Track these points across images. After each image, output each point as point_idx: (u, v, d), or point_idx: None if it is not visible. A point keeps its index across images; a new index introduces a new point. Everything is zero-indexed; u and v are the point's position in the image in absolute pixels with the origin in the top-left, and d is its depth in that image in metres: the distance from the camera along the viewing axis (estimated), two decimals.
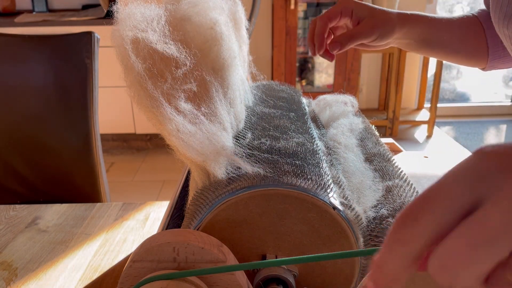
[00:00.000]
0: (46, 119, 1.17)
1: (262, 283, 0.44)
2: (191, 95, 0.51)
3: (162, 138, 0.50)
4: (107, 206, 0.81)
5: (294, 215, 0.45)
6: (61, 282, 0.61)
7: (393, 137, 2.96)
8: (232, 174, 0.48)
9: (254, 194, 0.45)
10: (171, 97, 0.48)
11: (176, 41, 0.51)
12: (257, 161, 0.49)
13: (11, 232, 0.73)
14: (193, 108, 0.49)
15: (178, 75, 0.49)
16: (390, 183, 0.55)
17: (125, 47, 0.48)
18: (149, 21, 0.51)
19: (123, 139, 2.94)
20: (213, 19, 0.55)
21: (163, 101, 0.47)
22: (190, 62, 0.51)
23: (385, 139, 0.87)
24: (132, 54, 0.48)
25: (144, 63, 0.48)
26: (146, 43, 0.49)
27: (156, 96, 0.47)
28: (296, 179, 0.46)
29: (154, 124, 0.49)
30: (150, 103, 0.47)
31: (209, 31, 0.55)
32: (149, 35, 0.49)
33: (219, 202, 0.45)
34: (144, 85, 0.47)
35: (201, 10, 0.55)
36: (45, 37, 1.16)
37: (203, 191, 0.49)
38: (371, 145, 0.67)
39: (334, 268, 0.47)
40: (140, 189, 2.46)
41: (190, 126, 0.48)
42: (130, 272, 0.39)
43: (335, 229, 0.45)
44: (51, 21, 2.59)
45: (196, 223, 0.46)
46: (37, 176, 1.21)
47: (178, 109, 0.48)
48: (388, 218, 0.48)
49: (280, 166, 0.48)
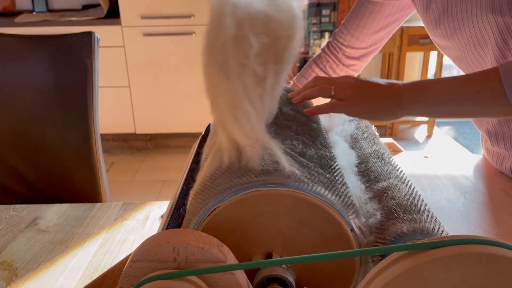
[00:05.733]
0: (46, 119, 1.17)
1: (262, 283, 0.44)
2: (255, 78, 0.50)
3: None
4: (107, 206, 0.81)
5: (312, 224, 0.45)
6: (61, 282, 0.61)
7: (393, 137, 2.96)
8: (267, 166, 0.47)
9: (281, 192, 0.44)
10: (243, 71, 0.48)
11: (263, 22, 0.52)
12: (291, 160, 0.49)
13: (11, 232, 0.73)
14: (255, 89, 0.49)
15: (254, 53, 0.49)
16: (385, 184, 0.54)
17: (226, 8, 0.49)
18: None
19: (123, 139, 2.94)
20: (295, 10, 0.56)
21: (237, 71, 0.47)
22: (268, 44, 0.51)
23: (385, 139, 0.87)
24: (230, 17, 0.48)
25: (235, 30, 0.48)
26: (244, 11, 0.50)
27: (233, 65, 0.47)
28: (327, 191, 0.46)
29: (210, 93, 0.49)
30: (223, 69, 0.47)
31: (292, 20, 0.55)
32: (250, 8, 0.50)
33: (247, 189, 0.45)
34: (227, 50, 0.47)
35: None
36: (45, 37, 1.16)
37: (228, 171, 0.48)
38: (367, 145, 0.66)
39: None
40: (140, 189, 2.46)
41: (249, 106, 0.47)
42: (130, 272, 0.39)
43: (346, 249, 0.46)
44: (51, 21, 2.59)
45: (218, 200, 0.45)
46: (37, 176, 1.21)
47: (246, 86, 0.48)
48: (382, 221, 0.48)
49: (313, 173, 0.48)
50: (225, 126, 0.48)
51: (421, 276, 0.31)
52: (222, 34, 0.49)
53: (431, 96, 0.60)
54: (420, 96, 0.61)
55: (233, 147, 0.49)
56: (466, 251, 0.30)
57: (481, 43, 0.71)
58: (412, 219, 0.46)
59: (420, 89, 0.61)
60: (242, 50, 0.49)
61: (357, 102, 0.62)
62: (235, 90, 0.47)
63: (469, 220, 0.67)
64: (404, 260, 0.32)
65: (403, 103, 0.61)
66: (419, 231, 0.45)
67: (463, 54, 0.75)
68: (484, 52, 0.72)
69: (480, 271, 0.30)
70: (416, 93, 0.61)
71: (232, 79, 0.48)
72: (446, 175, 0.79)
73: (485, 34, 0.69)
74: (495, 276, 0.30)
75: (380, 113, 0.62)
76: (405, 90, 0.61)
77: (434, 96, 0.60)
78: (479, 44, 0.71)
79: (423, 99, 0.61)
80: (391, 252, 0.34)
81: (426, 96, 0.61)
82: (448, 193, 0.74)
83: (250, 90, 0.49)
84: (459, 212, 0.69)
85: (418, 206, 0.49)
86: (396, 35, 2.73)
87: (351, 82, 0.64)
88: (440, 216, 0.66)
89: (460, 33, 0.72)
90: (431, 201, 0.71)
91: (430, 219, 0.47)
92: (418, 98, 0.61)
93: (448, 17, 0.72)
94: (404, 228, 0.45)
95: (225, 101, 0.47)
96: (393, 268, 0.32)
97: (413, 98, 0.61)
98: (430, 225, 0.45)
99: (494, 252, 0.30)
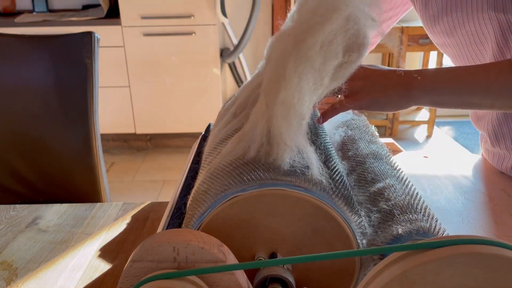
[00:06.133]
0: (46, 119, 1.17)
1: (262, 283, 0.44)
2: (319, 85, 0.50)
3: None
4: (107, 206, 0.81)
5: (325, 236, 0.45)
6: (61, 282, 0.61)
7: (393, 137, 2.96)
8: (296, 169, 0.47)
9: (305, 197, 0.44)
10: (317, 76, 0.48)
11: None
12: (321, 170, 0.49)
13: (11, 232, 0.73)
14: (313, 95, 0.49)
15: (335, 64, 0.50)
16: (381, 185, 0.54)
17: (342, 7, 0.49)
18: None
19: (123, 139, 2.94)
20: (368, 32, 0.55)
21: (313, 74, 0.47)
22: (343, 57, 0.51)
23: (385, 139, 0.87)
24: (342, 20, 0.49)
25: (332, 36, 0.49)
26: (344, 22, 0.50)
27: (314, 67, 0.47)
28: (346, 206, 0.46)
29: (273, 82, 0.48)
30: (301, 67, 0.47)
31: (366, 41, 0.55)
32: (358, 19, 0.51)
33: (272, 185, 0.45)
34: (316, 51, 0.47)
35: None
36: (45, 37, 1.16)
37: (252, 162, 0.48)
38: (364, 145, 0.65)
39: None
40: (140, 189, 2.46)
41: (305, 109, 0.47)
42: (130, 272, 0.39)
43: (348, 263, 0.46)
44: (51, 21, 2.59)
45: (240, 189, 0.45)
46: (37, 176, 1.21)
47: (310, 90, 0.48)
48: (380, 223, 0.48)
49: (338, 186, 0.48)
50: (271, 119, 0.48)
51: (421, 276, 0.31)
52: (319, 35, 0.48)
53: (440, 86, 0.59)
54: (429, 86, 0.59)
55: (267, 141, 0.48)
56: (466, 251, 0.30)
57: (481, 40, 0.71)
58: (410, 219, 0.46)
59: (429, 78, 0.60)
60: (327, 58, 0.49)
61: (364, 96, 0.60)
62: (300, 91, 0.47)
63: (469, 220, 0.67)
64: (404, 260, 0.32)
65: (412, 94, 0.60)
66: (420, 231, 0.44)
67: (461, 51, 0.75)
68: (483, 49, 0.72)
69: (480, 271, 0.30)
70: (425, 83, 0.60)
71: (302, 80, 0.47)
72: (446, 175, 0.79)
73: (485, 31, 0.69)
74: (495, 276, 0.30)
75: (389, 104, 0.61)
76: (414, 80, 0.60)
77: (443, 86, 0.59)
78: (479, 41, 0.71)
79: (433, 89, 0.59)
80: (391, 252, 0.34)
81: (435, 86, 0.59)
82: (448, 193, 0.74)
83: (311, 95, 0.48)
84: (459, 212, 0.69)
85: (416, 205, 0.49)
86: (396, 35, 2.73)
87: (355, 73, 0.61)
88: (440, 216, 0.66)
89: (460, 30, 0.72)
90: (431, 201, 0.71)
91: (428, 218, 0.47)
92: (427, 88, 0.59)
93: (448, 14, 0.71)
94: (401, 229, 0.45)
95: (285, 96, 0.47)
96: (393, 268, 0.32)
97: (422, 89, 0.60)
98: (429, 224, 0.45)
99: (494, 252, 0.30)
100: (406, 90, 0.60)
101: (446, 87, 0.60)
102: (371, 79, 0.61)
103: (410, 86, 0.60)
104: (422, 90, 0.60)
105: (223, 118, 0.65)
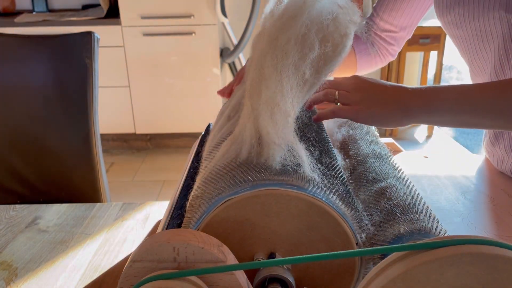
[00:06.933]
0: (46, 119, 1.17)
1: (262, 283, 0.44)
2: (302, 81, 0.50)
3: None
4: (107, 206, 0.81)
5: (321, 232, 0.45)
6: (61, 282, 0.61)
7: (393, 137, 2.95)
8: (287, 167, 0.47)
9: (297, 195, 0.44)
10: (295, 72, 0.49)
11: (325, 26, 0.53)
12: (313, 166, 0.49)
13: (11, 232, 0.73)
14: (297, 92, 0.49)
15: (312, 57, 0.50)
16: (382, 185, 0.54)
17: (305, 5, 0.50)
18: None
19: (123, 139, 2.94)
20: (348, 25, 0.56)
21: (291, 71, 0.48)
22: (325, 52, 0.52)
23: (385, 139, 0.87)
24: (306, 15, 0.49)
25: (305, 29, 0.49)
26: (317, 14, 0.51)
27: (289, 63, 0.48)
28: (341, 202, 0.46)
29: (255, 83, 0.49)
30: (278, 65, 0.47)
31: (349, 31, 0.55)
32: (323, 11, 0.51)
33: (264, 186, 0.45)
34: (289, 48, 0.48)
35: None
36: (45, 37, 1.16)
37: (244, 164, 0.48)
38: (364, 145, 0.65)
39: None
40: (140, 189, 2.46)
41: (289, 107, 0.47)
42: (130, 272, 0.39)
43: (348, 261, 0.46)
44: (51, 21, 2.59)
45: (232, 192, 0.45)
46: (37, 176, 1.21)
47: (292, 87, 0.48)
48: (381, 222, 0.48)
49: (332, 182, 0.48)
50: (257, 120, 0.48)
51: (422, 276, 0.31)
52: (291, 30, 0.49)
53: (440, 105, 0.59)
54: (429, 105, 0.59)
55: (257, 142, 0.48)
56: (469, 251, 0.30)
57: (488, 38, 0.71)
58: (411, 219, 0.46)
59: (429, 97, 0.59)
60: (303, 51, 0.49)
61: (363, 108, 0.60)
62: (281, 88, 0.47)
63: (469, 220, 0.67)
64: (404, 260, 0.32)
65: (411, 112, 0.59)
66: (421, 231, 0.44)
67: (466, 45, 0.76)
68: (488, 47, 0.73)
69: (480, 271, 0.30)
70: (425, 102, 0.59)
71: (282, 77, 0.47)
72: (446, 175, 0.79)
73: (493, 30, 0.70)
74: (497, 276, 0.30)
75: (387, 120, 0.61)
76: (414, 98, 0.59)
77: (443, 106, 0.58)
78: (486, 38, 0.72)
79: (432, 108, 0.59)
80: (391, 252, 0.34)
81: (435, 105, 0.59)
82: (448, 193, 0.74)
83: (294, 92, 0.49)
84: (459, 212, 0.69)
85: (417, 206, 0.49)
86: None
87: (358, 84, 0.62)
88: (440, 216, 0.66)
89: (469, 24, 0.72)
90: (431, 201, 0.71)
91: (429, 219, 0.47)
92: (427, 107, 0.59)
93: (460, 6, 0.72)
94: (402, 229, 0.45)
95: (268, 96, 0.47)
96: (393, 268, 0.32)
97: (422, 107, 0.59)
98: (429, 224, 0.45)
99: (497, 252, 0.30)
100: (405, 107, 0.59)
101: (446, 107, 0.59)
102: (370, 92, 0.61)
103: (409, 104, 0.59)
104: (422, 109, 0.59)
105: (219, 120, 0.66)
